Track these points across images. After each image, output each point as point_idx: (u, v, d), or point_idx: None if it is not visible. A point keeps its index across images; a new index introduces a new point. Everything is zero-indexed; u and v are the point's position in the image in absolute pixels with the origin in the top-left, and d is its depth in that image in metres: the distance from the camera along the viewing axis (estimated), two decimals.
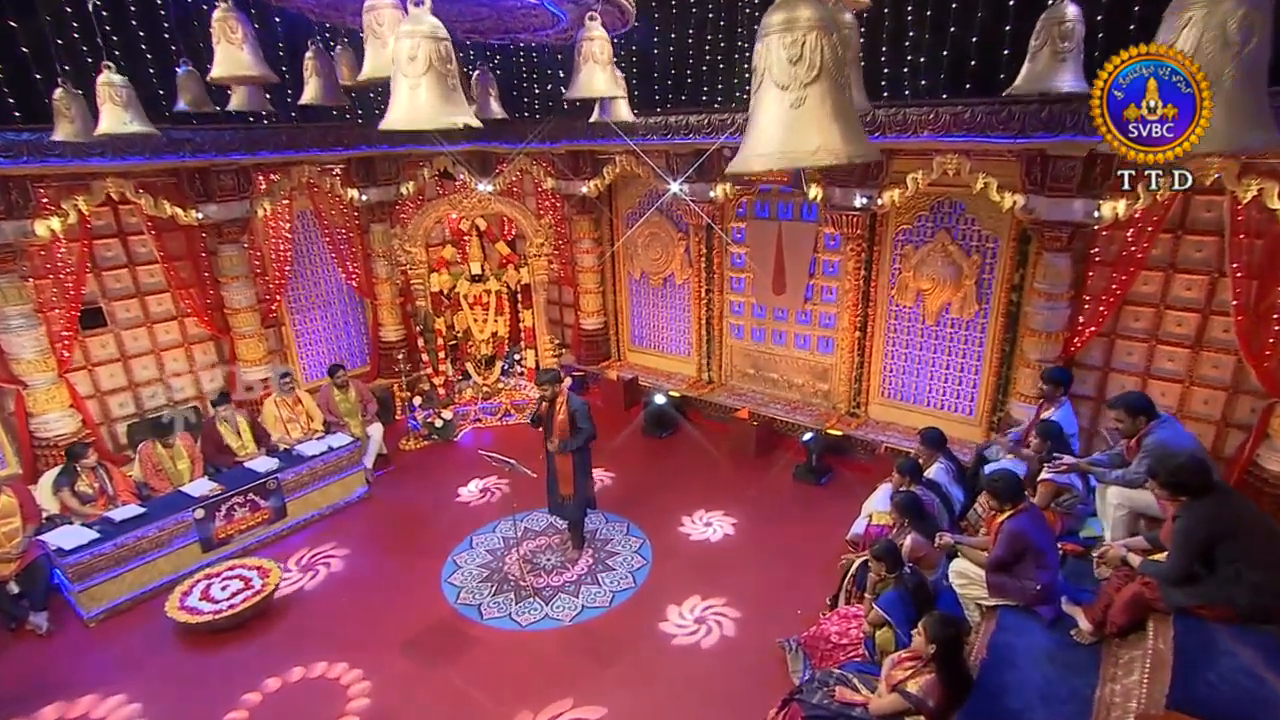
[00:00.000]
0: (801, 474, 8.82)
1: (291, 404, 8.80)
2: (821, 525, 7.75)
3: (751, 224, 9.91)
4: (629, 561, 7.31)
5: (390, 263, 10.68)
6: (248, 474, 7.87)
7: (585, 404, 6.87)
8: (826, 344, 9.75)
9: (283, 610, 6.84)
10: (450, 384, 10.67)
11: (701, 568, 7.24)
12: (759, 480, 8.89)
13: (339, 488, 8.48)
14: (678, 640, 6.31)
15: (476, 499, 8.73)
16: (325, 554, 7.63)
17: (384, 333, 11.15)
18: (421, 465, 9.59)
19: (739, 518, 8.06)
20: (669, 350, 11.45)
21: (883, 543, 5.47)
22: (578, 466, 6.96)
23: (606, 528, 7.90)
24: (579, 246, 11.40)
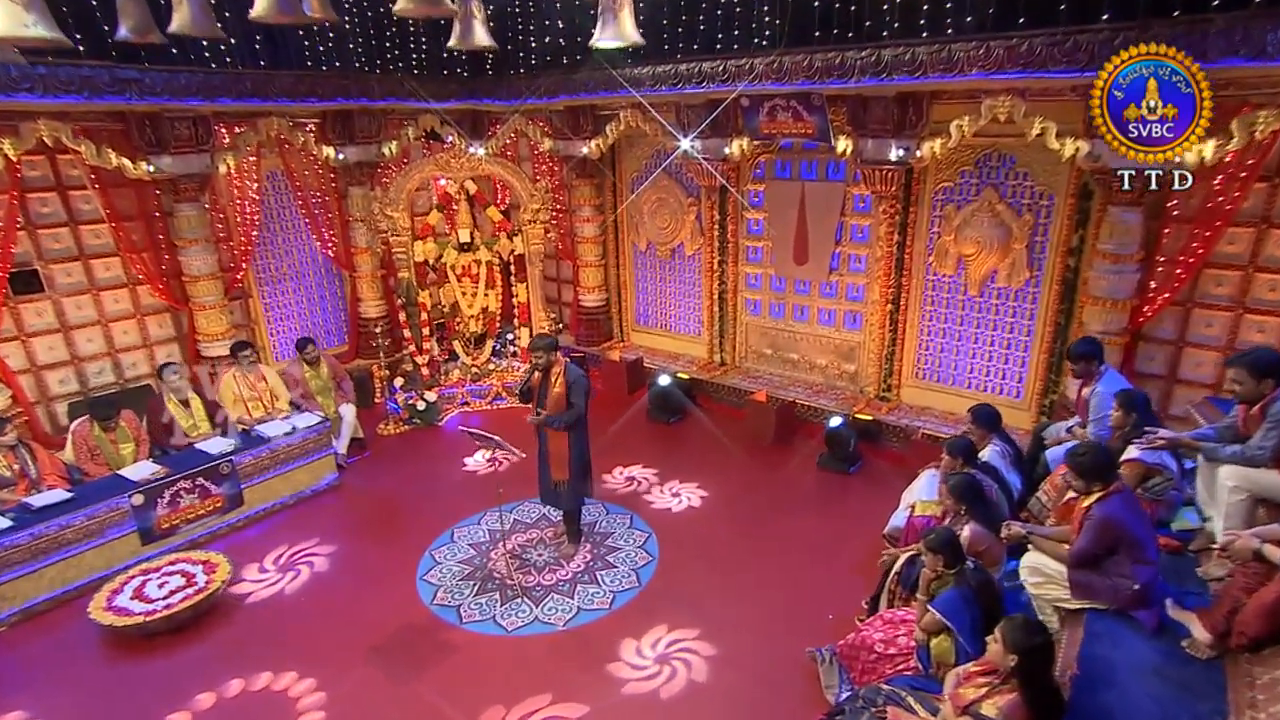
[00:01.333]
0: (827, 462, 8.07)
1: (253, 381, 7.98)
2: (852, 519, 7.01)
3: (771, 186, 9.13)
4: (632, 558, 6.53)
5: (370, 229, 9.87)
6: (198, 456, 7.07)
7: (585, 378, 6.15)
8: (854, 319, 8.97)
9: (230, 612, 6.05)
10: (435, 364, 9.92)
11: (717, 564, 6.42)
12: (780, 469, 8.12)
13: (305, 474, 7.70)
14: (687, 645, 5.47)
15: (473, 468, 7.96)
16: (308, 551, 6.80)
17: (364, 308, 10.38)
18: (400, 451, 8.83)
19: (759, 511, 7.23)
20: (677, 329, 10.71)
21: (940, 531, 4.64)
22: (573, 447, 6.22)
23: (607, 520, 7.13)
24: (579, 215, 10.66)
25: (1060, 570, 4.42)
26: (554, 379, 6.06)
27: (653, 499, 7.57)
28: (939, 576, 4.64)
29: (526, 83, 9.85)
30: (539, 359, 6.04)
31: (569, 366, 6.11)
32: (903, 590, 5.34)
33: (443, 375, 9.94)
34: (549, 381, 6.06)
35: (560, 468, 6.27)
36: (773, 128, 8.18)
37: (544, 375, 6.11)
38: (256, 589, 6.29)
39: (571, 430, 6.17)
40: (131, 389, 8.54)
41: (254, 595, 6.21)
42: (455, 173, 9.55)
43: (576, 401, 6.00)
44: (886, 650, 4.81)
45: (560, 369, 6.06)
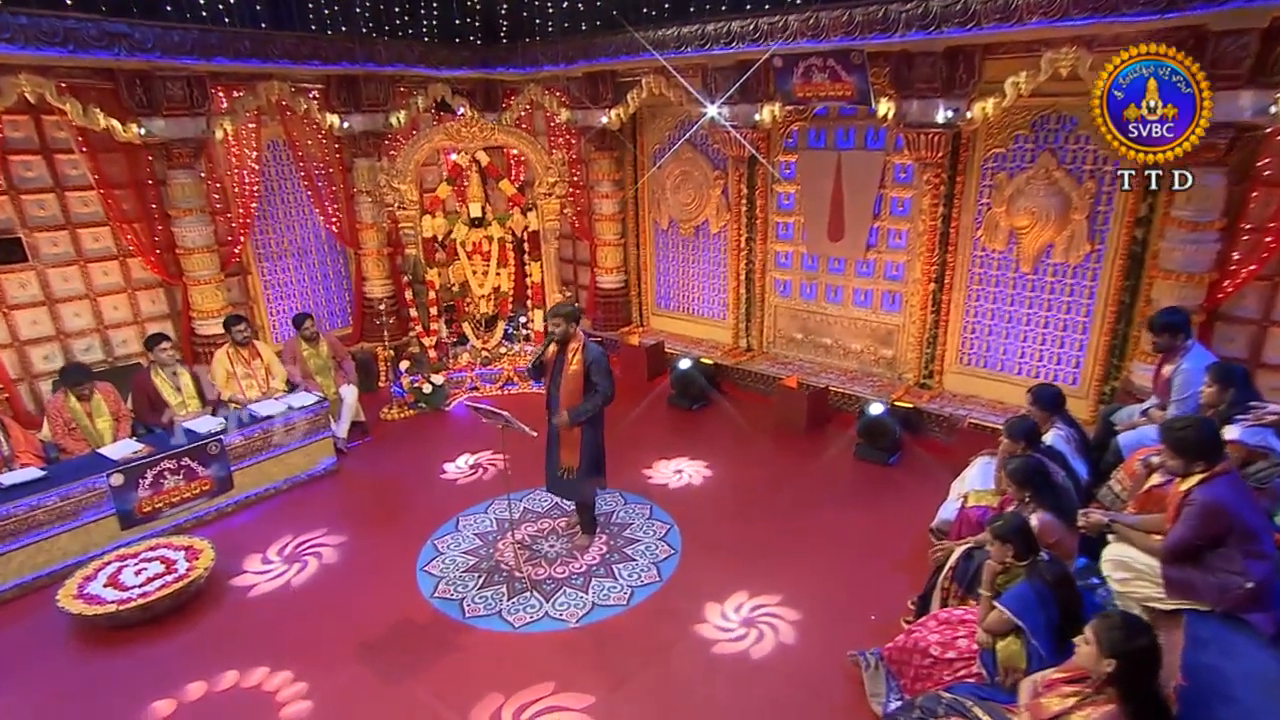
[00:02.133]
0: (865, 452, 7.54)
1: (247, 357, 7.55)
2: (893, 512, 6.51)
3: (804, 156, 8.63)
4: (652, 551, 6.03)
5: (376, 203, 9.45)
6: (185, 435, 6.60)
7: (605, 355, 5.66)
8: (892, 300, 8.45)
9: (214, 603, 5.61)
10: (444, 347, 9.47)
11: (748, 560, 5.91)
12: (813, 459, 7.61)
13: (301, 457, 7.26)
14: (719, 648, 5.01)
15: (466, 475, 7.45)
16: (314, 541, 6.33)
17: (369, 288, 9.96)
18: (404, 436, 8.39)
19: (791, 504, 6.71)
20: (700, 313, 10.25)
21: (1009, 517, 4.11)
22: (586, 430, 5.72)
23: (624, 510, 6.63)
24: (597, 191, 10.21)
25: (1151, 565, 3.88)
26: (571, 355, 5.57)
27: (676, 487, 7.04)
28: (1007, 569, 4.11)
29: (543, 49, 9.42)
30: (556, 328, 5.57)
31: (589, 344, 5.63)
32: (958, 588, 4.81)
33: (451, 359, 9.47)
34: (565, 358, 5.58)
35: (570, 451, 5.78)
36: (808, 91, 7.67)
37: (560, 350, 5.61)
38: (260, 581, 5.82)
39: None
40: (120, 368, 8.13)
41: (257, 588, 5.74)
42: (467, 143, 9.08)
43: (600, 382, 5.52)
44: (944, 654, 4.27)
45: (579, 345, 5.59)
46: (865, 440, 7.56)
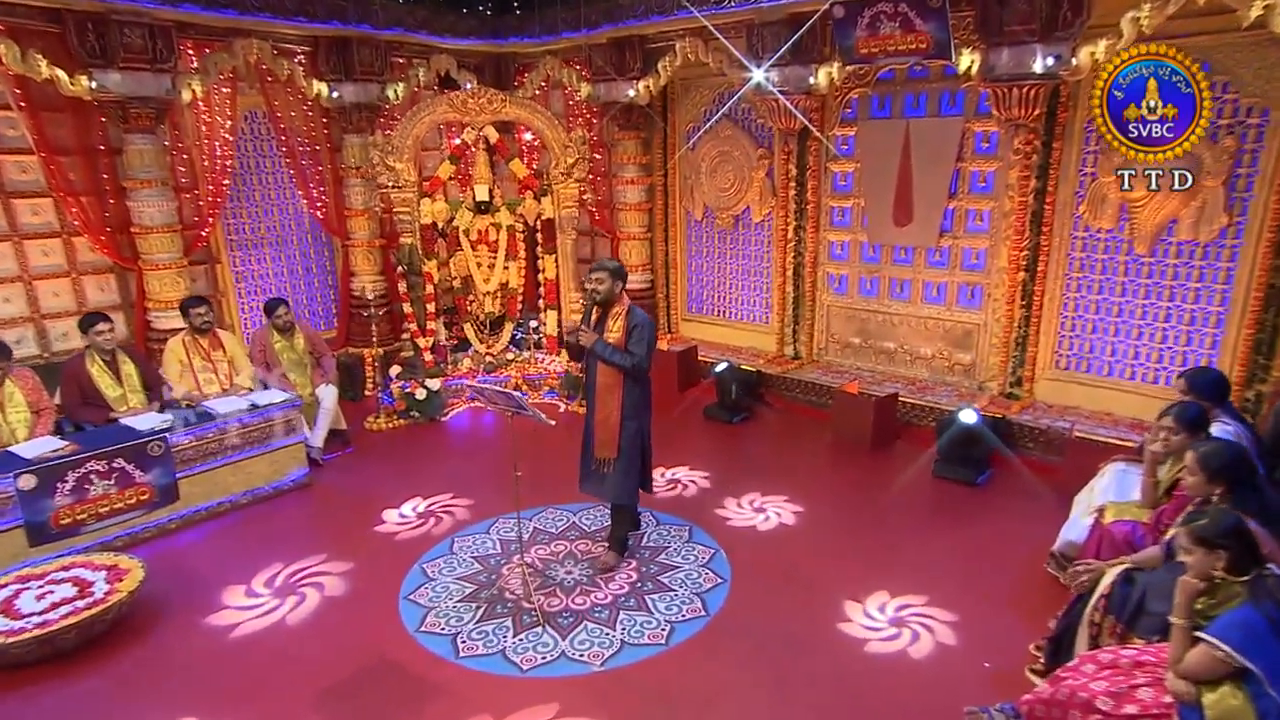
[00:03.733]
0: (948, 470, 6.62)
1: (208, 348, 6.67)
2: (990, 539, 5.61)
3: (864, 128, 7.89)
4: (695, 580, 5.11)
5: (368, 185, 8.76)
6: (121, 432, 5.69)
7: (652, 326, 5.08)
8: (972, 295, 7.61)
9: (140, 635, 4.66)
10: (442, 351, 8.66)
11: (814, 592, 5.03)
12: (885, 479, 6.69)
13: (265, 465, 6.39)
14: None
15: (392, 528, 6.50)
16: (312, 570, 5.37)
17: (357, 284, 9.18)
18: (391, 448, 7.52)
19: (864, 530, 5.76)
20: (739, 316, 9.51)
21: (1220, 515, 3.11)
22: (628, 416, 5.06)
23: (658, 533, 5.76)
24: (621, 176, 9.49)
25: None
26: (613, 320, 5.03)
27: (720, 511, 6.16)
28: (1214, 588, 3.09)
29: (563, 13, 8.79)
30: (599, 285, 4.97)
31: (634, 309, 5.05)
32: (1115, 622, 3.81)
33: (450, 365, 8.62)
34: (606, 323, 5.05)
35: (608, 441, 5.10)
36: (873, 45, 6.91)
37: (602, 315, 5.08)
38: (245, 619, 4.81)
39: (628, 388, 5.04)
40: (59, 364, 7.19)
41: (241, 628, 4.73)
42: (474, 116, 8.34)
43: (637, 350, 4.95)
44: (1119, 709, 3.25)
45: (623, 309, 5.02)
46: (947, 457, 6.64)
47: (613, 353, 4.94)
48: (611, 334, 4.99)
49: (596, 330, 5.04)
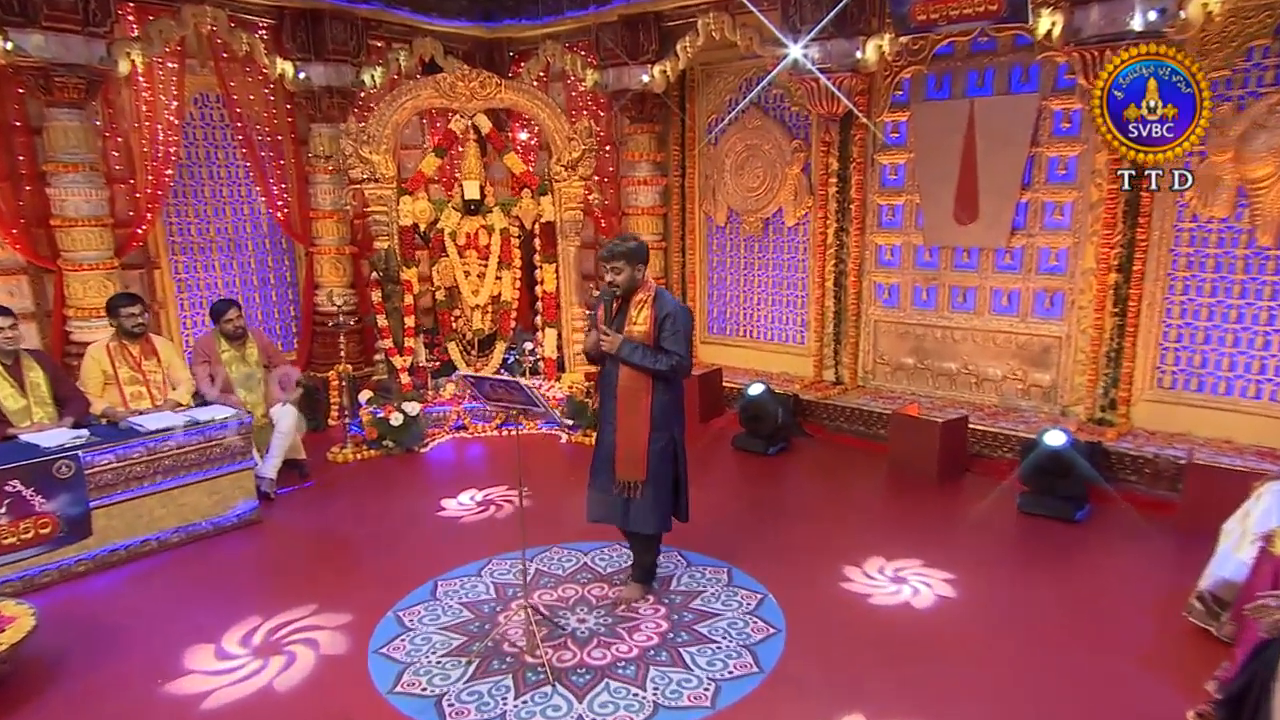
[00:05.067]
0: (1036, 505, 6.02)
1: (138, 356, 6.02)
2: (1108, 583, 5.08)
3: (919, 112, 7.50)
4: (741, 630, 4.49)
5: (338, 182, 8.33)
6: (17, 450, 5.02)
7: (687, 313, 4.58)
8: (1051, 303, 7.11)
9: (34, 690, 3.90)
10: (422, 373, 8.12)
11: (898, 647, 4.36)
12: (960, 517, 6.12)
13: (204, 497, 5.74)
14: None
15: (464, 512, 5.92)
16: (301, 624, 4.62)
17: (323, 298, 8.61)
18: (360, 483, 6.87)
19: (956, 571, 5.15)
20: (769, 337, 9.09)
21: None
22: (658, 422, 4.52)
23: (689, 575, 5.14)
24: (632, 176, 9.09)
25: None
26: (636, 310, 4.51)
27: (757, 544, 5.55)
28: None
29: None
30: (618, 275, 4.45)
31: (661, 294, 4.54)
32: None
33: (433, 390, 8.11)
34: (628, 314, 4.53)
35: (634, 459, 4.54)
36: (933, 10, 6.54)
37: (622, 306, 4.56)
38: (220, 686, 4.04)
39: (657, 391, 4.51)
40: None
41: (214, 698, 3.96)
42: (464, 103, 7.95)
43: (676, 348, 4.43)
44: None
45: (648, 296, 4.51)
46: (1035, 489, 6.03)
47: (644, 355, 4.42)
48: (636, 326, 4.47)
49: (615, 325, 4.51)
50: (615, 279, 4.44)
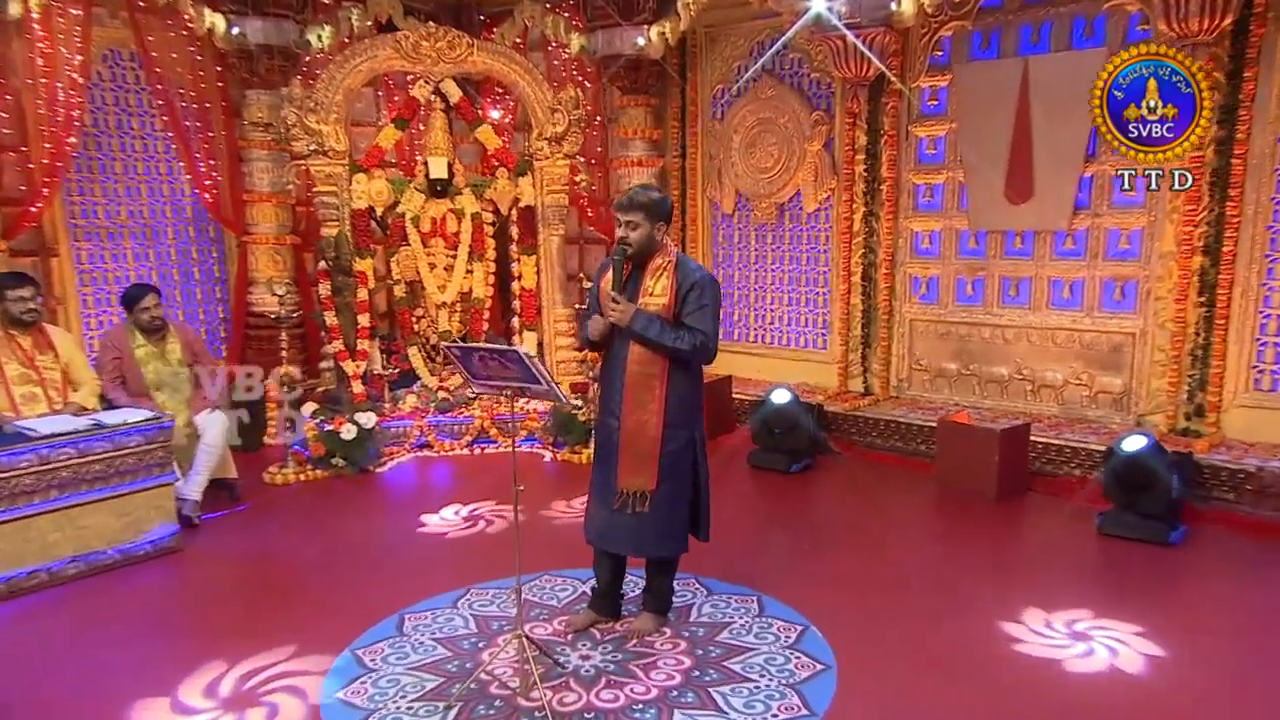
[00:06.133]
0: (1119, 526, 5.78)
1: (29, 349, 5.66)
2: (1241, 623, 4.74)
3: (963, 74, 7.52)
4: (781, 666, 4.20)
5: (278, 157, 8.13)
6: None
7: (715, 284, 4.33)
8: (1122, 295, 7.04)
9: None
10: (378, 382, 7.84)
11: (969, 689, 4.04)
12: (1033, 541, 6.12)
13: (110, 517, 5.30)
14: None
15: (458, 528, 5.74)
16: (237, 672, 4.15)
17: (258, 295, 8.36)
18: (302, 507, 6.56)
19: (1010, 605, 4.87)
20: (785, 342, 9.10)
21: None
22: (675, 417, 4.28)
23: (711, 604, 4.88)
24: (625, 156, 9.14)
25: None
26: (653, 277, 4.25)
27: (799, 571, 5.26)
28: None
29: None
30: (632, 228, 4.18)
31: (684, 260, 4.31)
32: None
33: (391, 402, 7.87)
34: (642, 283, 4.26)
35: (643, 462, 4.27)
36: None
37: (635, 273, 4.29)
38: None
39: (674, 378, 4.26)
40: None
41: None
42: (429, 65, 7.77)
43: (701, 325, 4.17)
44: None
45: (667, 261, 4.25)
46: (1122, 503, 5.79)
47: (662, 330, 4.10)
48: (653, 298, 4.18)
49: (627, 294, 4.21)
50: (629, 234, 4.15)
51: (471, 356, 3.88)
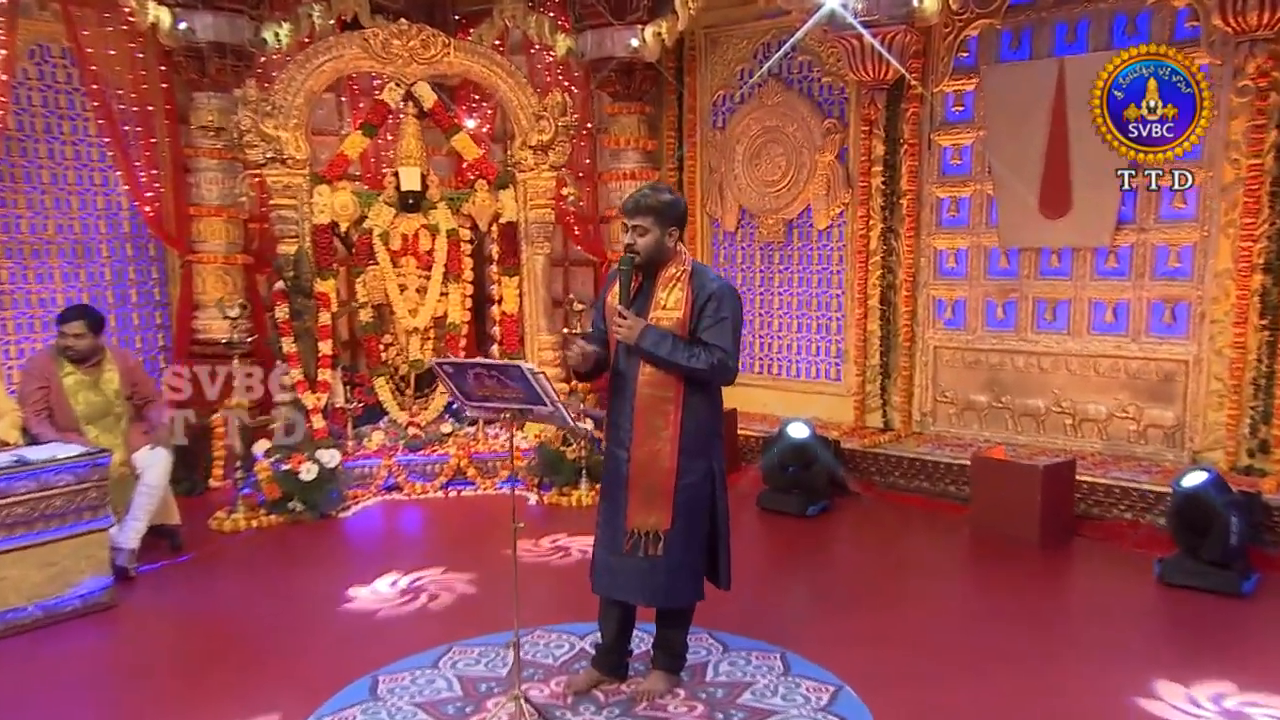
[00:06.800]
0: (1181, 576, 5.62)
1: None
2: None
3: (992, 76, 7.52)
4: None
5: (229, 167, 8.11)
6: None
7: (736, 295, 4.26)
8: (1173, 318, 7.00)
9: None
10: (340, 417, 7.73)
11: None
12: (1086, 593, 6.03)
13: (33, 569, 5.07)
14: None
15: (392, 603, 5.52)
16: None
17: (204, 321, 8.28)
18: (257, 559, 6.42)
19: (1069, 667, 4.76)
20: (794, 373, 9.09)
21: None
22: (691, 445, 4.16)
23: (729, 661, 4.77)
24: (616, 169, 9.19)
25: None
26: (665, 290, 4.16)
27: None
28: None
29: None
30: (639, 233, 4.08)
31: (701, 270, 4.24)
32: None
33: (354, 439, 7.74)
34: (653, 295, 4.18)
35: (655, 497, 4.15)
36: None
37: (644, 285, 4.21)
38: None
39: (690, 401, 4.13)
40: None
41: None
42: (399, 66, 7.73)
43: (720, 341, 4.06)
44: None
45: (682, 272, 4.16)
46: (1186, 547, 5.64)
47: (675, 348, 3.96)
48: (666, 312, 4.05)
49: (635, 308, 4.08)
50: (636, 241, 4.03)
51: (466, 374, 3.76)
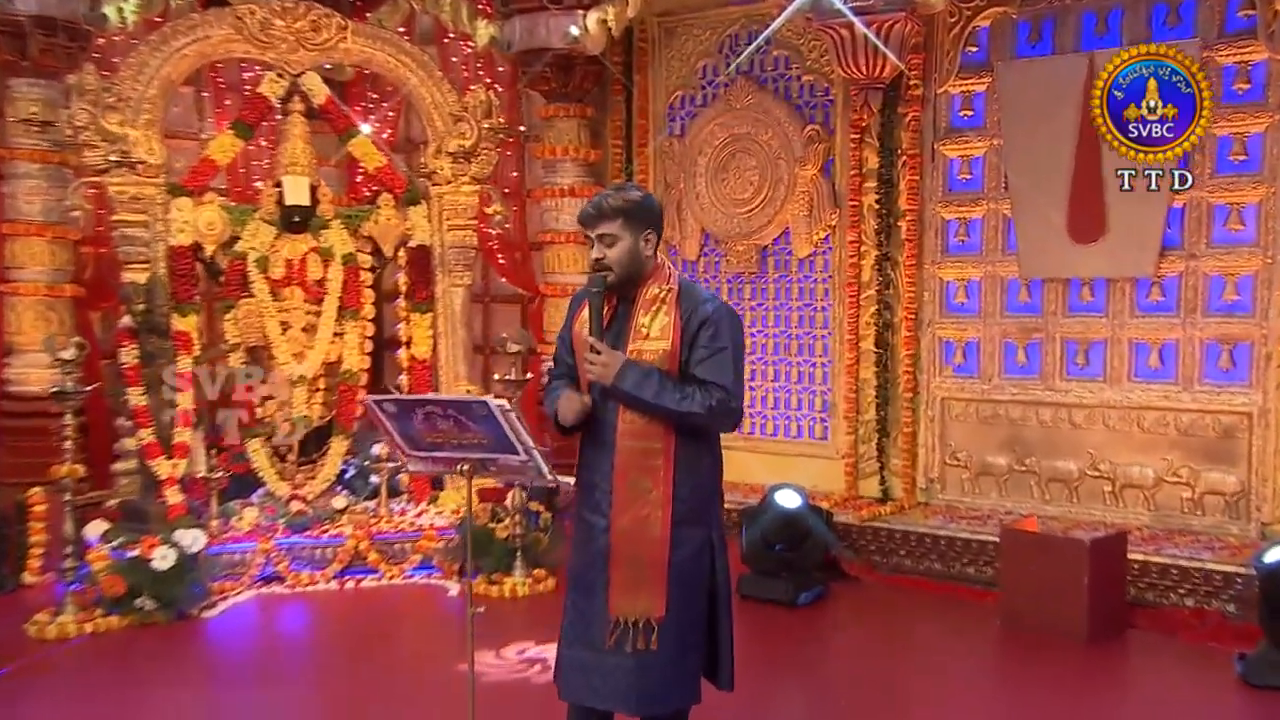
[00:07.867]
0: (1269, 676, 5.38)
1: None
2: None
3: (1007, 75, 7.58)
4: None
5: (55, 173, 7.99)
6: None
7: (735, 319, 4.01)
8: (1232, 361, 6.98)
9: None
10: (201, 489, 7.21)
11: None
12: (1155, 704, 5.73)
13: None
14: None
15: None
16: None
17: (18, 368, 8.17)
18: (88, 675, 5.94)
19: None
20: (771, 432, 9.03)
21: None
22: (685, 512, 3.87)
23: None
24: (552, 184, 9.32)
25: None
26: (647, 314, 3.88)
27: None
28: None
29: None
30: (607, 244, 3.80)
31: (691, 287, 3.97)
32: None
33: (221, 518, 7.21)
34: (632, 320, 3.90)
35: (646, 576, 3.87)
36: None
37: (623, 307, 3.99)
38: None
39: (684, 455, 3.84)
40: None
41: None
42: (283, 54, 7.49)
43: (717, 378, 3.77)
44: None
45: (667, 291, 3.89)
46: (1276, 637, 5.36)
47: (663, 388, 3.66)
48: (649, 343, 3.73)
49: (610, 338, 3.76)
50: (605, 254, 3.71)
51: (412, 414, 3.45)
